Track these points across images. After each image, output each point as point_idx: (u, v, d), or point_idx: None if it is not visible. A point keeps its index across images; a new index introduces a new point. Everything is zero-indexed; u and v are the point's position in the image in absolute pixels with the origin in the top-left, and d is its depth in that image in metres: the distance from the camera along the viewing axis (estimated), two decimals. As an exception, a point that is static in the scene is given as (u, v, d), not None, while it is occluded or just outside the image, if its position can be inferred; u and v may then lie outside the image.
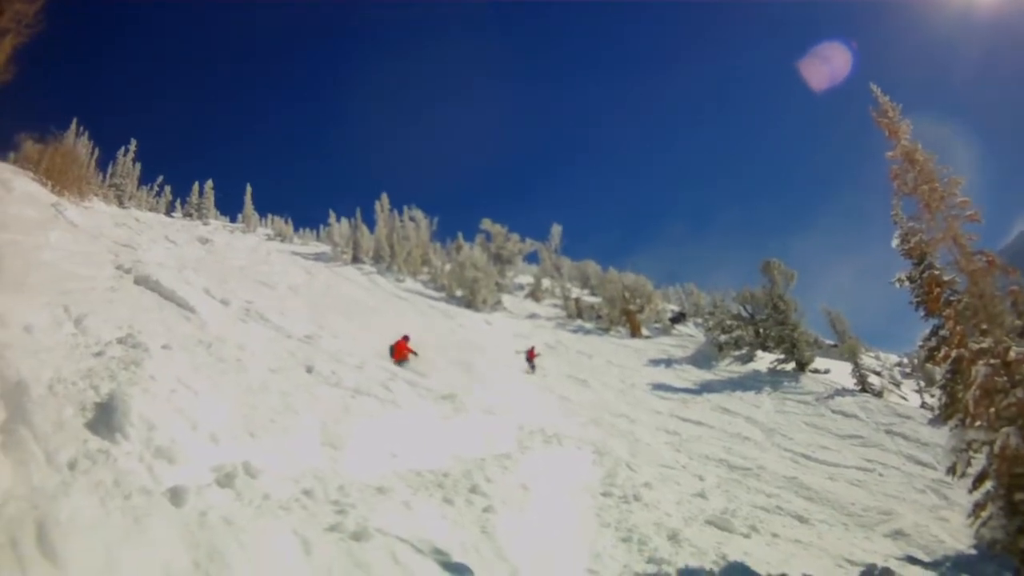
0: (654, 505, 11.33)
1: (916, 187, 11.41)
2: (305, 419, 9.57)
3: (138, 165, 46.36)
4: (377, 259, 44.72)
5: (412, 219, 47.66)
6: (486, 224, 47.84)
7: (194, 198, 50.64)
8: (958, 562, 11.80)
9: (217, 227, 47.41)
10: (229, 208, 53.18)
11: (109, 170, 44.62)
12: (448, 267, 43.87)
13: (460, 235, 48.09)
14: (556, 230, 49.87)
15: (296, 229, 54.06)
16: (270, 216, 55.77)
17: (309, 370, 12.92)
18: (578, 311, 41.84)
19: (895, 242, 12.15)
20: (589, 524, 9.86)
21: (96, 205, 33.40)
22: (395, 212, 47.85)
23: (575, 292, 46.49)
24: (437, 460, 10.11)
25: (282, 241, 50.11)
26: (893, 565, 10.75)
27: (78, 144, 38.61)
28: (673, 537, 9.65)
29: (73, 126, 39.74)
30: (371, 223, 47.71)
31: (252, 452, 7.62)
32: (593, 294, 46.36)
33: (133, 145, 46.84)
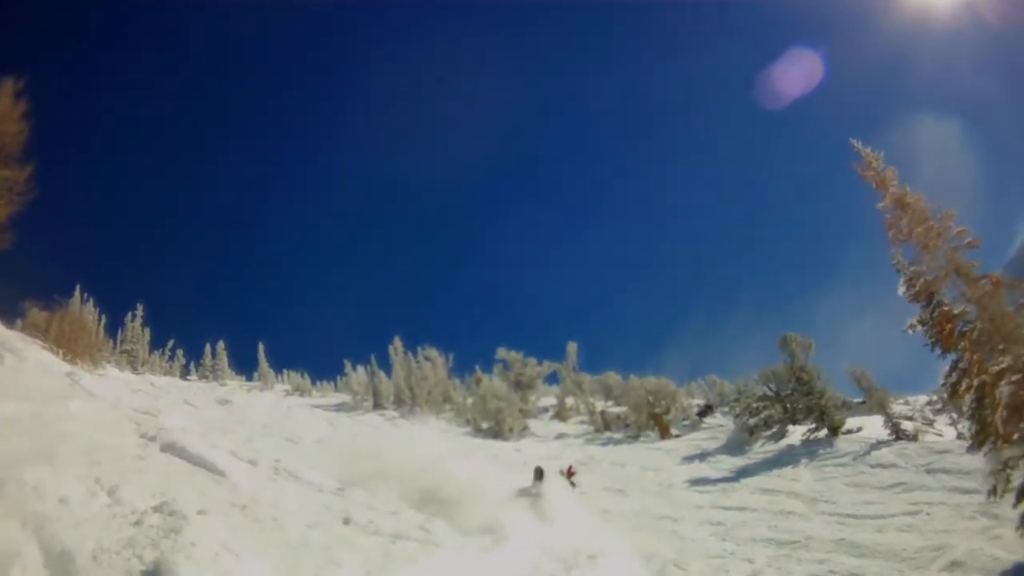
0: None
1: (911, 231, 11.64)
2: (347, 570, 9.63)
3: (147, 330, 46.90)
4: (399, 403, 44.79)
5: (428, 358, 47.79)
6: (501, 353, 48.10)
7: (208, 359, 51.02)
8: (1019, 572, 11.68)
9: (234, 387, 47.63)
10: (244, 367, 53.11)
11: (119, 335, 45.43)
12: (470, 401, 43.85)
13: (478, 368, 48.22)
14: (572, 348, 50.16)
15: (314, 382, 54.03)
16: (286, 371, 55.95)
17: (346, 521, 12.83)
18: (605, 424, 41.65)
19: (901, 289, 12.35)
20: None
21: (110, 372, 33.70)
22: (409, 354, 48.02)
23: (599, 405, 46.36)
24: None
25: (301, 395, 50.21)
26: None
27: (84, 310, 39.27)
28: None
29: (77, 292, 40.40)
30: (388, 367, 47.88)
31: None
32: (617, 404, 46.22)
33: (140, 310, 47.56)
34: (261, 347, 53.00)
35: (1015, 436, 10.19)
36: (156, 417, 19.22)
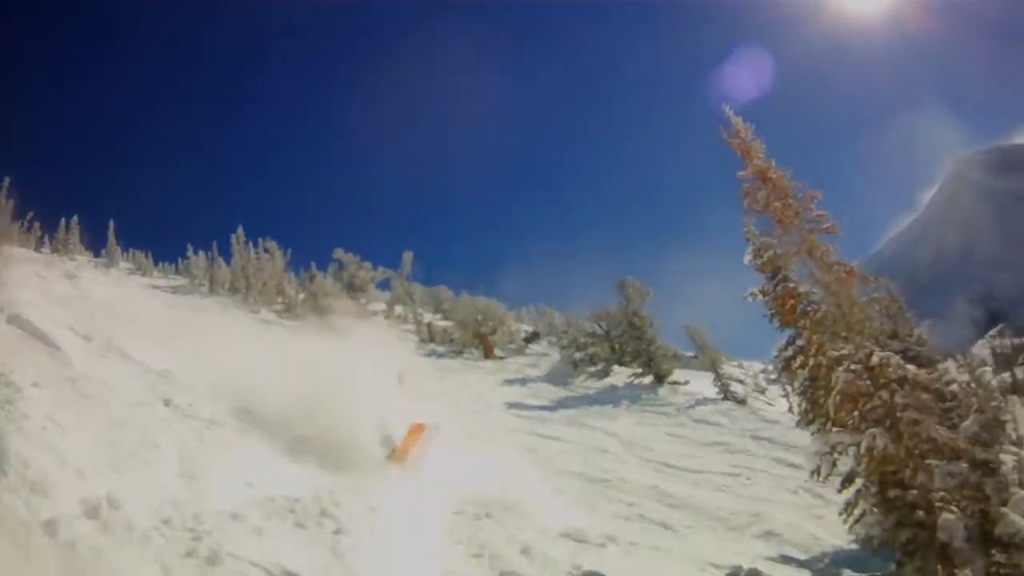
0: (508, 521, 11.38)
1: (768, 204, 11.69)
2: (164, 451, 9.68)
3: (11, 202, 44.78)
4: (234, 291, 43.97)
5: (267, 251, 46.95)
6: (338, 253, 47.39)
7: (62, 234, 49.06)
8: (837, 558, 12.14)
9: (82, 263, 45.80)
10: (94, 244, 51.47)
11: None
12: (302, 296, 43.46)
13: (313, 265, 47.59)
14: (408, 257, 49.72)
15: (156, 263, 52.63)
16: (132, 251, 54.29)
17: (167, 403, 12.65)
18: (431, 336, 41.79)
19: (747, 258, 12.40)
20: (441, 542, 9.89)
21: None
22: (250, 244, 47.05)
23: (428, 317, 46.47)
24: (289, 486, 10.05)
25: (143, 275, 48.94)
26: (766, 566, 11.05)
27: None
28: (526, 551, 9.70)
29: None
30: (228, 256, 46.74)
31: (115, 484, 7.76)
32: (446, 319, 46.35)
33: (6, 182, 45.21)
34: (112, 225, 51.11)
35: (847, 423, 10.53)
36: (5, 288, 18.49)
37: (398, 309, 47.60)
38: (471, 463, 14.44)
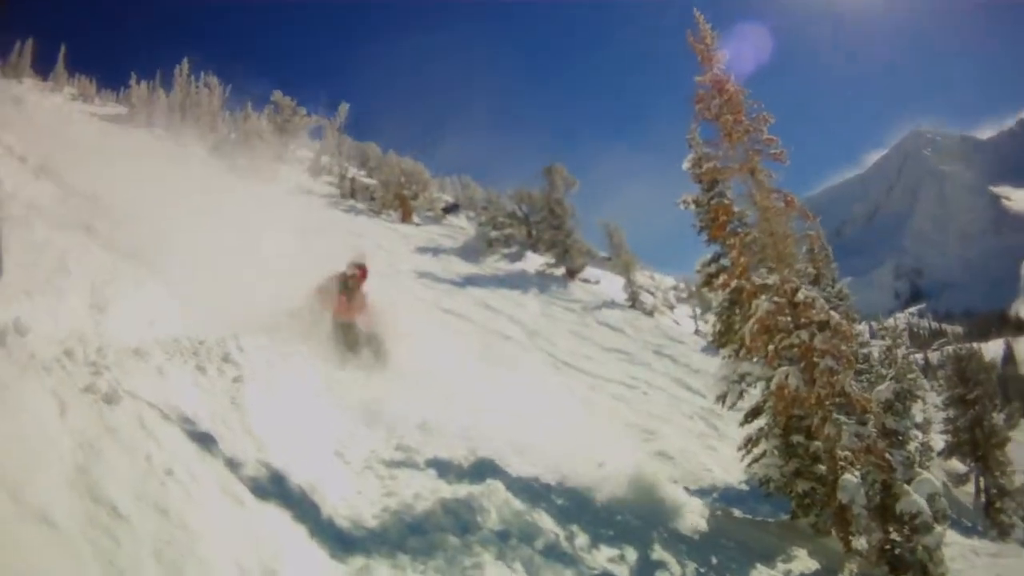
0: (409, 395, 11.24)
1: (719, 114, 11.35)
2: (77, 280, 9.23)
3: None
4: (169, 124, 43.10)
5: (207, 86, 46.03)
6: (276, 96, 46.65)
7: (15, 58, 47.75)
8: (728, 495, 11.97)
9: (30, 86, 45.57)
10: (46, 68, 51.03)
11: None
12: (234, 135, 42.74)
13: (249, 105, 46.71)
14: (343, 108, 49.19)
15: (99, 90, 52.41)
16: (78, 76, 53.24)
17: (88, 229, 12.31)
18: (352, 191, 41.13)
19: (686, 164, 12.06)
20: (338, 405, 9.76)
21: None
22: (193, 78, 46.14)
23: (352, 172, 45.97)
24: (196, 327, 9.80)
25: (84, 102, 48.40)
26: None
27: None
28: (423, 426, 9.59)
29: None
30: (171, 87, 46.19)
31: (26, 310, 7.34)
32: (370, 176, 45.92)
33: None
34: (63, 50, 51.27)
35: (759, 355, 10.49)
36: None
37: (325, 160, 47.02)
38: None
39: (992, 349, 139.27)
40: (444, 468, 7.90)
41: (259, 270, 13.73)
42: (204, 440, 6.04)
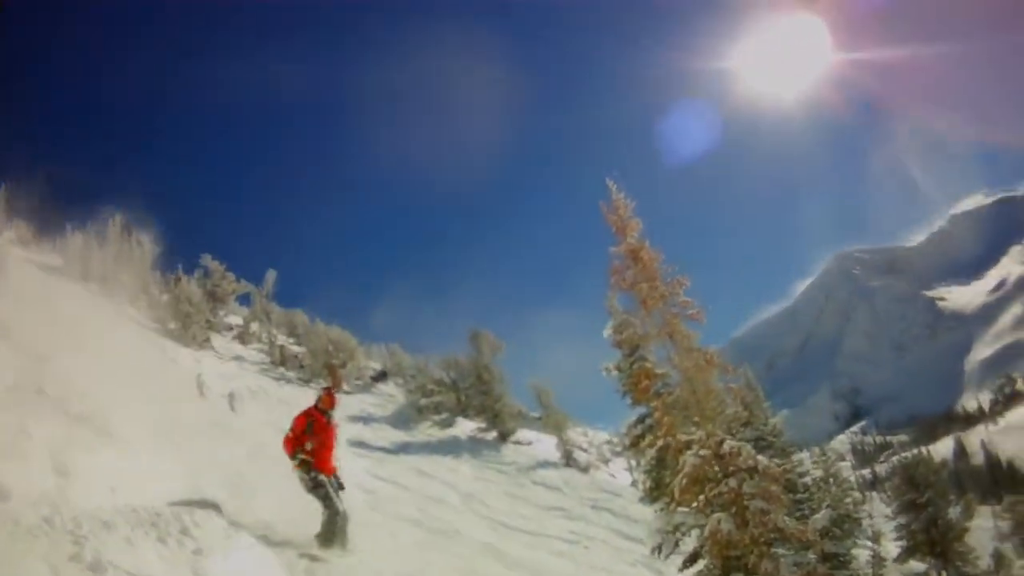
0: (342, 563, 11.38)
1: (635, 283, 12.02)
2: (37, 444, 9.41)
3: None
4: (104, 279, 42.70)
5: (140, 243, 45.90)
6: (206, 260, 46.65)
7: None
8: None
9: None
10: None
11: None
12: (166, 298, 42.60)
13: (180, 267, 46.64)
14: (271, 275, 49.22)
15: (37, 237, 51.49)
16: (15, 221, 52.77)
17: (39, 391, 12.47)
18: (282, 359, 41.11)
19: (606, 332, 12.71)
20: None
21: None
22: (126, 233, 45.89)
23: (281, 340, 45.96)
24: (150, 498, 10.01)
25: (23, 247, 46.12)
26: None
27: None
28: None
29: None
30: (105, 240, 45.31)
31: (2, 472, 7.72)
32: (299, 344, 45.94)
33: None
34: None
35: (692, 504, 10.88)
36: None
37: (254, 327, 46.95)
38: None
39: (941, 449, 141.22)
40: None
41: (203, 434, 13.94)
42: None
